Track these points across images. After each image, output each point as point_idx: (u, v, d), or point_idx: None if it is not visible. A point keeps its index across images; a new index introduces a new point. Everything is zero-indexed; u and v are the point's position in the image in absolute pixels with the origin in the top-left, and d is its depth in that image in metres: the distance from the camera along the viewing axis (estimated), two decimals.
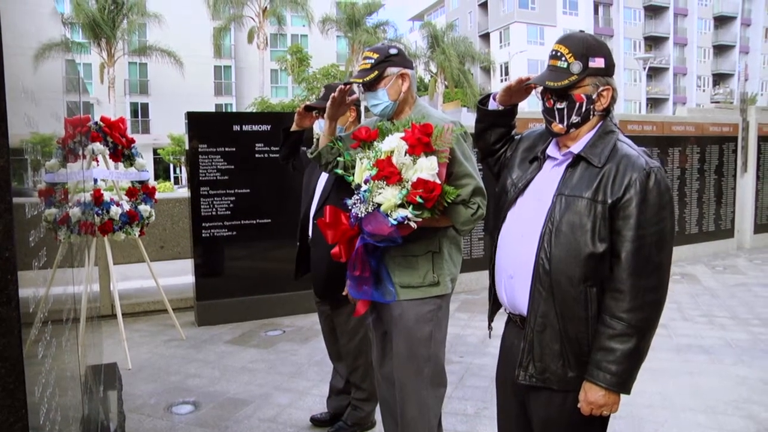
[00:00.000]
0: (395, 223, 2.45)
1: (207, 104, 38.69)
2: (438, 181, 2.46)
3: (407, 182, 2.45)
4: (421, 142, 2.47)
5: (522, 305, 2.13)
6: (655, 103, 52.63)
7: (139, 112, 43.53)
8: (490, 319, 2.45)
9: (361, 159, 2.59)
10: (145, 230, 5.55)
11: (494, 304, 2.39)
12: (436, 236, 2.73)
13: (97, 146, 5.04)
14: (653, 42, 53.45)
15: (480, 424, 3.84)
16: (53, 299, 1.80)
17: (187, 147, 6.54)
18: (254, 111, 28.57)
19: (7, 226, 1.07)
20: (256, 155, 6.48)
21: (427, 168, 2.45)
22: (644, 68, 32.57)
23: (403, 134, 2.52)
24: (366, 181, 2.52)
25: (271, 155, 6.49)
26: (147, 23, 36.83)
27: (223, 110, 40.49)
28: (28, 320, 1.22)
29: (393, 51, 2.77)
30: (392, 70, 2.74)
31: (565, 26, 47.86)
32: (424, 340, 2.76)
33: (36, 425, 1.22)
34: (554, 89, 2.08)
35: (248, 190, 6.46)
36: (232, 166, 6.41)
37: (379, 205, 2.48)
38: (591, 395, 1.99)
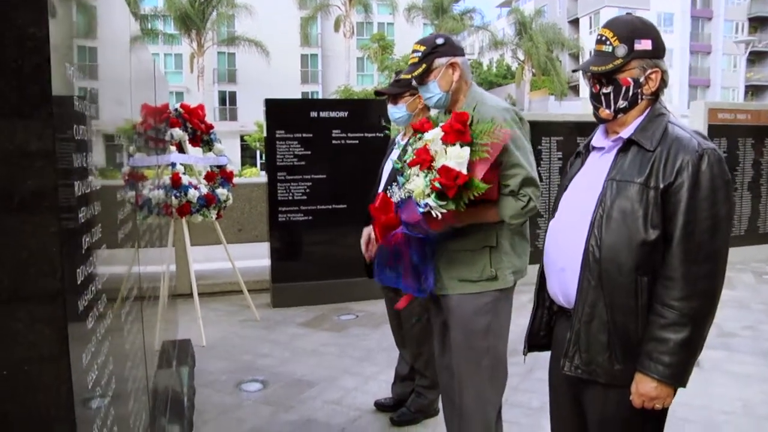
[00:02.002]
0: (422, 211, 2.41)
1: (293, 92, 39.42)
2: (464, 171, 2.35)
3: (434, 170, 2.40)
4: (453, 129, 2.40)
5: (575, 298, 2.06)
6: (756, 90, 49.61)
7: (227, 100, 44.87)
8: (528, 341, 2.36)
9: (412, 147, 2.56)
10: (222, 213, 5.71)
11: (536, 317, 2.33)
12: (492, 230, 2.66)
13: (177, 132, 5.22)
14: (759, 23, 50.10)
15: (544, 417, 3.72)
16: (121, 276, 1.89)
17: (265, 133, 6.67)
18: (335, 98, 28.85)
19: (53, 203, 1.12)
20: (333, 141, 6.55)
21: (455, 156, 2.37)
22: (745, 52, 30.85)
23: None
24: (403, 168, 2.50)
25: (347, 141, 6.55)
26: (236, 14, 37.86)
27: (309, 98, 41.06)
28: (78, 292, 1.27)
29: (440, 41, 2.70)
30: (440, 61, 2.67)
31: (658, 9, 45.86)
32: (481, 331, 2.71)
33: (83, 388, 1.28)
34: (599, 74, 2.02)
35: (324, 176, 6.54)
36: (309, 152, 6.51)
37: (411, 192, 2.45)
38: (642, 387, 1.92)
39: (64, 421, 1.17)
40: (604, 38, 2.02)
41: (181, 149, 5.46)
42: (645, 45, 1.98)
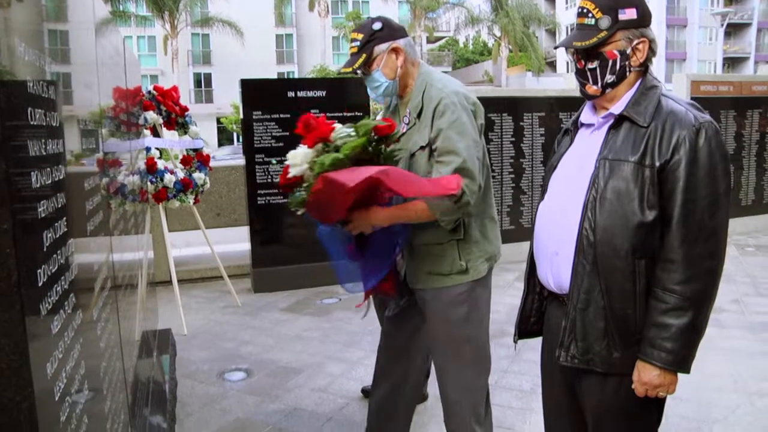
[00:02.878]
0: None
1: (269, 73, 38.79)
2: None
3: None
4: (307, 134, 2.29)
5: (569, 284, 1.96)
6: (733, 63, 49.64)
7: (203, 82, 44.13)
8: (519, 327, 2.26)
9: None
10: (200, 198, 5.57)
11: (526, 303, 2.23)
12: (458, 222, 2.50)
13: (151, 115, 5.06)
14: None
15: (536, 401, 3.71)
16: (93, 270, 1.76)
17: (242, 114, 6.52)
18: (313, 78, 28.56)
19: (3, 198, 1.00)
20: None
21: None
22: (722, 24, 30.82)
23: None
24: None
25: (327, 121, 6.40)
26: None
27: (286, 78, 40.64)
28: (39, 294, 1.16)
29: (377, 26, 2.50)
30: (381, 48, 2.47)
31: None
32: (459, 321, 2.59)
33: (48, 401, 1.17)
34: (583, 49, 1.91)
35: None
36: (288, 133, 6.35)
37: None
38: (645, 375, 1.83)
39: None
40: (585, 10, 1.91)
41: (155, 133, 5.30)
42: (630, 14, 1.88)
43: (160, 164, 5.08)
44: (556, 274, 2.02)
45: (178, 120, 5.46)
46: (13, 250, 1.01)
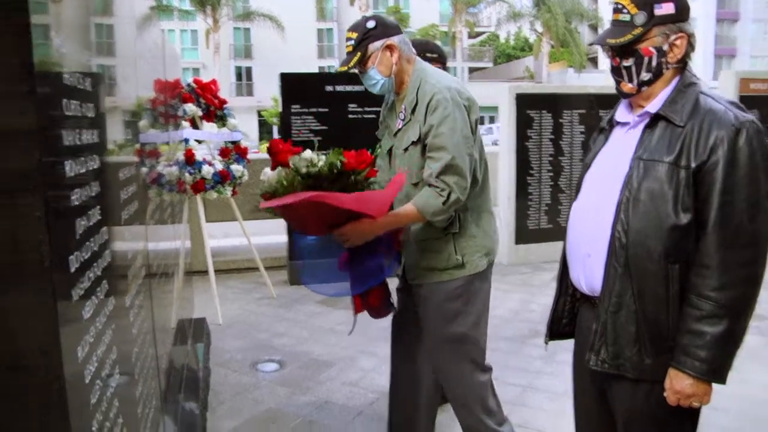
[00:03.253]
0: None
1: (310, 67, 38.96)
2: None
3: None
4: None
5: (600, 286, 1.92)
6: None
7: (244, 75, 44.68)
8: (550, 328, 2.23)
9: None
10: (237, 190, 5.64)
11: (558, 304, 2.20)
12: (454, 215, 2.49)
13: (190, 107, 5.13)
14: None
15: (568, 402, 3.59)
16: (126, 258, 1.81)
17: (280, 108, 6.57)
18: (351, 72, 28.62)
19: (37, 186, 1.03)
20: (349, 116, 6.43)
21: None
22: None
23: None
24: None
25: (364, 116, 6.42)
26: None
27: (325, 72, 40.90)
28: (71, 281, 1.19)
29: (370, 24, 2.50)
30: (375, 45, 2.48)
31: None
32: (456, 316, 2.57)
33: (79, 383, 1.20)
34: (616, 47, 1.86)
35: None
36: (325, 127, 6.40)
37: None
38: (677, 384, 1.78)
39: (58, 419, 1.09)
40: (620, 6, 1.86)
41: (194, 125, 5.38)
42: (666, 9, 1.82)
43: (199, 156, 5.15)
44: (589, 276, 1.98)
45: (216, 112, 5.54)
46: (45, 236, 1.04)
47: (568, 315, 2.20)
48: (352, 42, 2.50)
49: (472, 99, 2.50)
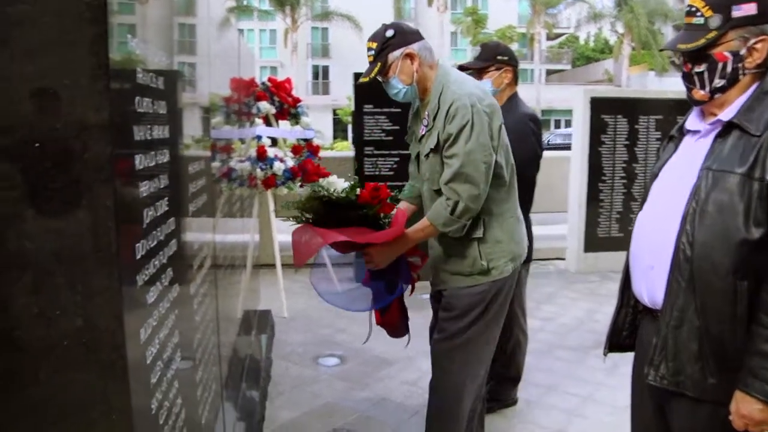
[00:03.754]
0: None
1: None
2: None
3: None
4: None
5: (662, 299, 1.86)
6: None
7: (320, 74, 45.34)
8: (610, 340, 2.17)
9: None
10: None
11: (619, 316, 2.14)
12: (477, 220, 2.48)
13: (264, 105, 5.27)
14: None
15: (628, 418, 3.59)
16: (192, 249, 1.90)
17: (353, 107, 6.66)
18: None
19: (108, 178, 1.11)
20: None
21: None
22: None
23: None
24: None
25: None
26: None
27: None
28: (137, 266, 1.27)
29: (389, 33, 2.50)
30: (395, 55, 2.48)
31: None
32: (475, 320, 2.57)
33: (140, 363, 1.28)
34: (687, 52, 1.78)
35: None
36: (398, 127, 6.43)
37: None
38: (745, 408, 1.67)
39: (119, 394, 1.17)
40: (693, 9, 1.77)
41: (268, 122, 5.52)
42: (747, 10, 1.71)
43: (270, 152, 5.28)
44: (650, 289, 1.91)
45: (290, 110, 5.66)
46: (113, 224, 1.12)
47: (629, 327, 2.13)
48: (372, 52, 2.52)
49: (494, 105, 2.47)
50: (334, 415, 3.58)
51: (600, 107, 6.60)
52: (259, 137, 5.13)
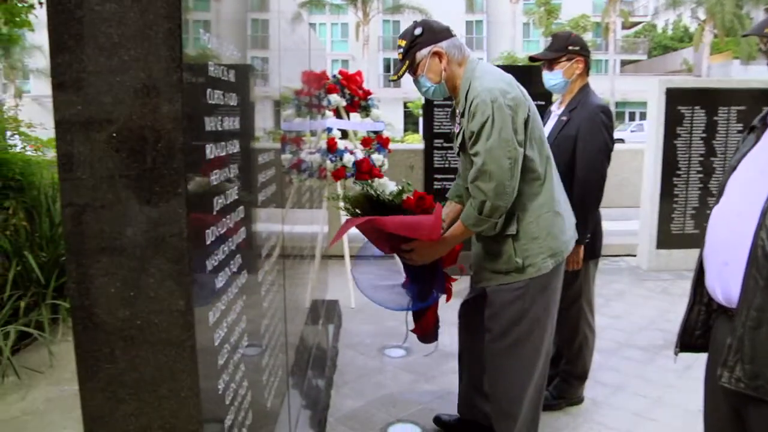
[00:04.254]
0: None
1: None
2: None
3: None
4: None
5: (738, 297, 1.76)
6: None
7: (392, 67, 45.39)
8: (681, 339, 2.08)
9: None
10: None
11: (691, 313, 2.05)
12: (510, 217, 2.45)
13: (334, 97, 5.34)
14: None
15: (701, 423, 3.48)
16: (261, 237, 1.96)
17: (423, 99, 6.67)
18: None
19: (179, 166, 1.16)
20: None
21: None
22: None
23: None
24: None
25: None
26: None
27: None
28: (207, 251, 1.32)
29: (418, 31, 2.50)
30: (423, 53, 2.50)
31: None
32: (515, 319, 2.55)
33: (208, 344, 1.34)
34: None
35: None
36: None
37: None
38: None
39: (188, 373, 1.23)
40: None
41: (338, 115, 5.59)
42: None
43: (341, 144, 5.35)
44: (725, 286, 1.82)
45: (360, 103, 5.72)
46: (184, 210, 1.17)
47: (702, 326, 2.04)
48: (402, 50, 2.54)
49: (518, 98, 2.41)
50: (397, 406, 3.61)
51: (676, 98, 6.37)
52: (329, 129, 5.21)
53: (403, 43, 2.54)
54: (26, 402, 3.62)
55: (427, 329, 2.88)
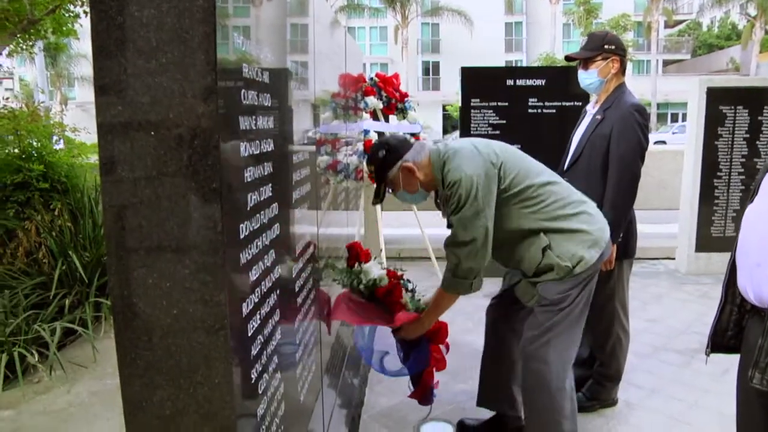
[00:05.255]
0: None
1: (497, 61, 38.82)
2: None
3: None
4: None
5: None
6: None
7: (431, 70, 45.46)
8: (712, 339, 2.09)
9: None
10: None
11: (723, 314, 2.05)
12: (537, 233, 2.57)
13: (371, 100, 5.40)
14: None
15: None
16: (295, 234, 2.01)
17: (460, 102, 6.69)
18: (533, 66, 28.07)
19: (215, 163, 1.22)
20: (529, 110, 6.39)
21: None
22: None
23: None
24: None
25: (544, 110, 6.36)
26: None
27: (505, 66, 40.60)
28: (240, 245, 1.38)
29: (381, 154, 2.67)
30: (393, 171, 2.67)
31: None
32: (566, 312, 2.60)
33: (242, 335, 1.39)
34: None
35: (519, 146, 6.36)
36: (504, 121, 6.41)
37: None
38: None
39: (221, 361, 1.28)
40: None
41: (375, 117, 5.64)
42: None
43: None
44: (757, 287, 1.82)
45: (397, 105, 5.77)
46: (219, 205, 1.23)
47: (735, 327, 2.03)
48: (374, 175, 2.73)
49: (489, 172, 2.53)
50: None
51: (717, 97, 6.25)
52: (366, 131, 5.26)
53: (373, 168, 2.72)
54: (72, 395, 3.75)
55: (423, 393, 3.07)
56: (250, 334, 1.44)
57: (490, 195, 2.52)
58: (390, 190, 2.80)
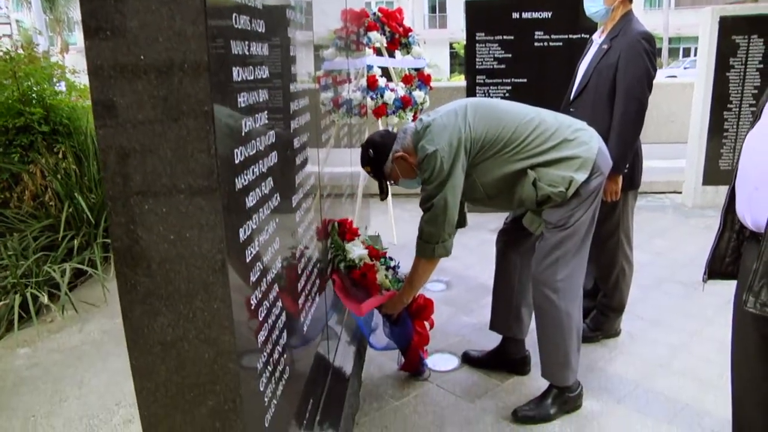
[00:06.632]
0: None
1: None
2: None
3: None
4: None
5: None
6: None
7: (437, 7, 44.42)
8: (710, 266, 2.08)
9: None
10: (418, 115, 5.76)
11: (721, 240, 2.04)
12: (525, 172, 2.64)
13: (375, 35, 5.29)
14: None
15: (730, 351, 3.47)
16: (298, 169, 2.00)
17: (465, 36, 6.56)
18: None
19: (204, 85, 1.19)
20: (535, 43, 6.26)
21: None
22: None
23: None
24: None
25: (550, 43, 6.24)
26: None
27: None
28: (235, 171, 1.37)
29: (371, 153, 2.79)
30: (388, 165, 2.78)
31: None
32: (573, 228, 2.69)
33: (240, 259, 1.40)
34: None
35: (525, 80, 6.30)
36: (510, 55, 6.31)
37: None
38: None
39: (219, 285, 1.29)
40: None
41: (379, 53, 5.54)
42: None
43: (381, 81, 5.33)
44: (755, 211, 1.79)
45: (401, 40, 5.66)
46: (212, 127, 1.21)
47: (732, 253, 2.03)
48: (371, 173, 2.84)
49: (453, 146, 2.60)
50: (436, 337, 3.68)
51: (730, 27, 6.07)
52: (369, 67, 5.18)
53: (369, 168, 2.84)
54: (84, 333, 3.82)
55: (413, 365, 3.23)
56: (248, 260, 1.45)
57: (456, 163, 2.62)
58: (392, 183, 2.88)
